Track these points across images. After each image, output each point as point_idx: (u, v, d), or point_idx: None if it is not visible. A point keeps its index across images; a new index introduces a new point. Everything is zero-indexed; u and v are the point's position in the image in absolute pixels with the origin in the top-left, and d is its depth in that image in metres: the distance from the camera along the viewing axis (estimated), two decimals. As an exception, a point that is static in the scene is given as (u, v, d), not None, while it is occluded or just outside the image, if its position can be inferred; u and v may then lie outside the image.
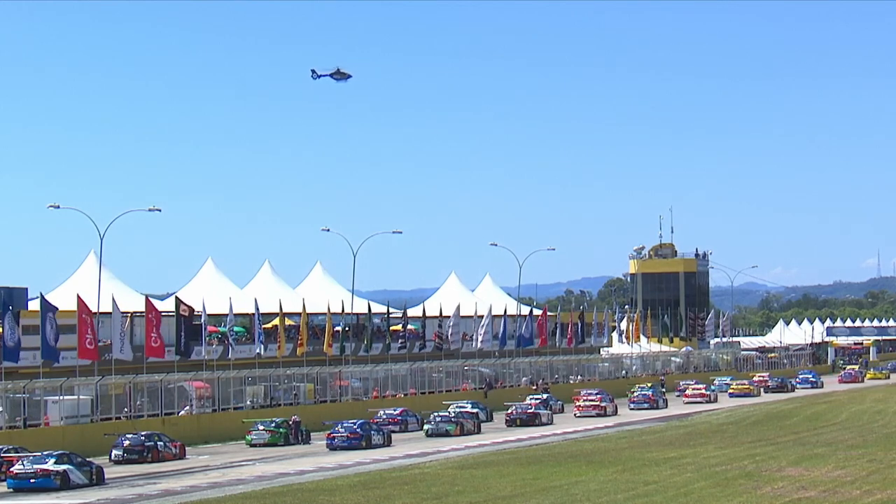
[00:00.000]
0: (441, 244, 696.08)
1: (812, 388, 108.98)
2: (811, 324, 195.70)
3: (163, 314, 69.14)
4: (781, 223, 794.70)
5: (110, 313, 63.09)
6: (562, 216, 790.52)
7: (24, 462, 42.27)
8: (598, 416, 75.62)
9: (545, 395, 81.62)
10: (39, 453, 43.18)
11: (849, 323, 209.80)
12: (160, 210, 66.20)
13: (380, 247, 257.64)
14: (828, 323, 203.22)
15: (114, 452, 51.68)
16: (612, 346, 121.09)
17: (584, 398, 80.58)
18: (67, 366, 61.39)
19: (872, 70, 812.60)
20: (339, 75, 55.98)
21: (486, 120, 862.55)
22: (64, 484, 41.19)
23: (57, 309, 59.37)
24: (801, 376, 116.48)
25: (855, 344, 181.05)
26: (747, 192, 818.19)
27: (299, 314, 79.22)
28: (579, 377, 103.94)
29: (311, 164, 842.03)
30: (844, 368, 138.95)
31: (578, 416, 75.67)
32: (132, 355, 64.73)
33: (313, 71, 54.91)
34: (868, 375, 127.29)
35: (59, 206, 63.71)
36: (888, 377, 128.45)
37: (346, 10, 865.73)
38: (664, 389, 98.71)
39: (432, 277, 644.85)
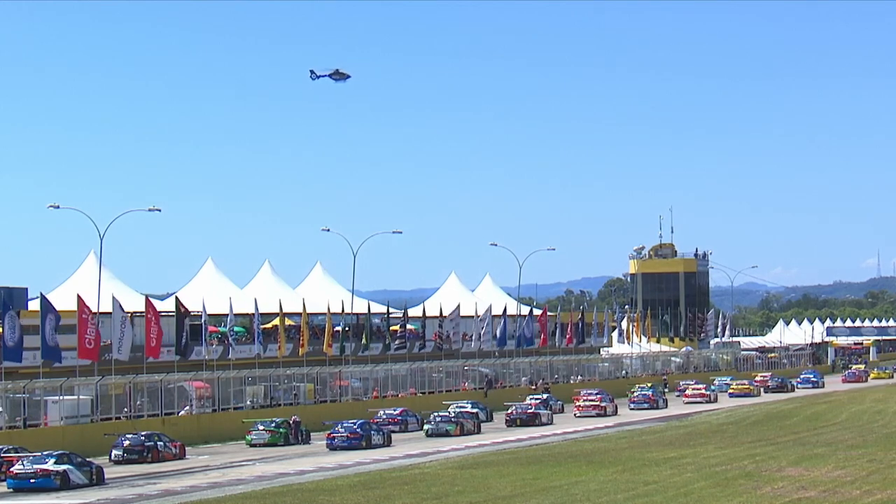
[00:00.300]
0: (441, 244, 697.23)
1: (813, 388, 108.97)
2: (811, 324, 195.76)
3: (163, 314, 69.15)
4: (781, 223, 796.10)
5: (110, 313, 63.09)
6: (562, 216, 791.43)
7: (24, 462, 42.23)
8: (598, 416, 75.58)
9: (545, 395, 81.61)
10: (39, 453, 43.13)
11: (849, 323, 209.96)
12: (160, 210, 66.33)
13: (380, 247, 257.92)
14: (828, 323, 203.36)
15: (114, 452, 51.64)
16: (612, 346, 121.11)
17: (584, 398, 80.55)
18: (67, 366, 61.33)
19: (872, 70, 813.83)
20: (338, 76, 55.97)
21: (486, 120, 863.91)
22: (64, 484, 41.16)
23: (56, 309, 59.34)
24: (802, 376, 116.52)
25: (855, 344, 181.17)
26: (747, 192, 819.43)
27: (299, 314, 79.21)
28: (579, 377, 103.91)
29: (311, 164, 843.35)
30: (849, 368, 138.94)
31: (578, 416, 75.63)
32: (130, 355, 64.68)
33: (312, 71, 54.89)
34: (872, 375, 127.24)
35: (59, 206, 63.73)
36: (892, 376, 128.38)
37: (346, 10, 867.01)
38: (666, 389, 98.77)
39: (432, 277, 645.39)
